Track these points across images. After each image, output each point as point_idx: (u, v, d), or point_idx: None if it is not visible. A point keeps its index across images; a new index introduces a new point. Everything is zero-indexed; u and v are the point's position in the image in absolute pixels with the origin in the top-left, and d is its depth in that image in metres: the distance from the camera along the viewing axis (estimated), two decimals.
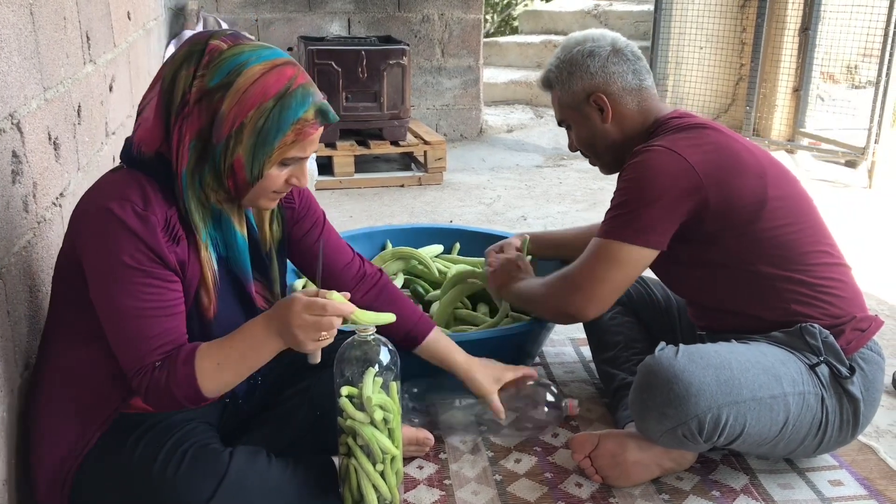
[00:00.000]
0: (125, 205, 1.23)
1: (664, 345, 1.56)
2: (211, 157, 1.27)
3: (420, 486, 1.65)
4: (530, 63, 6.46)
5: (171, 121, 1.26)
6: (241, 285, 1.41)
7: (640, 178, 1.60)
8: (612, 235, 1.62)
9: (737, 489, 1.65)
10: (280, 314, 1.28)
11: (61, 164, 1.71)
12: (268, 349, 1.31)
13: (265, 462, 1.38)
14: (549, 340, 2.28)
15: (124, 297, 1.25)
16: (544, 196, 4.02)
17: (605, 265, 1.64)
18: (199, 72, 1.24)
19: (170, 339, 1.28)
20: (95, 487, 1.31)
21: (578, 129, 1.80)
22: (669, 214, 1.58)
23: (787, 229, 1.61)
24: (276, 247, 1.51)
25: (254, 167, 1.27)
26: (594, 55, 1.74)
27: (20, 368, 1.40)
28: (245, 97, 1.23)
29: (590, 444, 1.65)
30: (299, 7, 4.74)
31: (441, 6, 4.91)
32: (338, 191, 4.04)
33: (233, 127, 1.24)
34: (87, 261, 1.27)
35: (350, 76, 4.08)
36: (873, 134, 4.10)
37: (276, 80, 1.25)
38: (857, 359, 1.60)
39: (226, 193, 1.33)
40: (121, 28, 2.56)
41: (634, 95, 1.75)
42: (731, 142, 1.65)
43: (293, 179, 1.34)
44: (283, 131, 1.25)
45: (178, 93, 1.25)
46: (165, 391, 1.26)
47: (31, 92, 1.54)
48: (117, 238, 1.23)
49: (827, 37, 4.54)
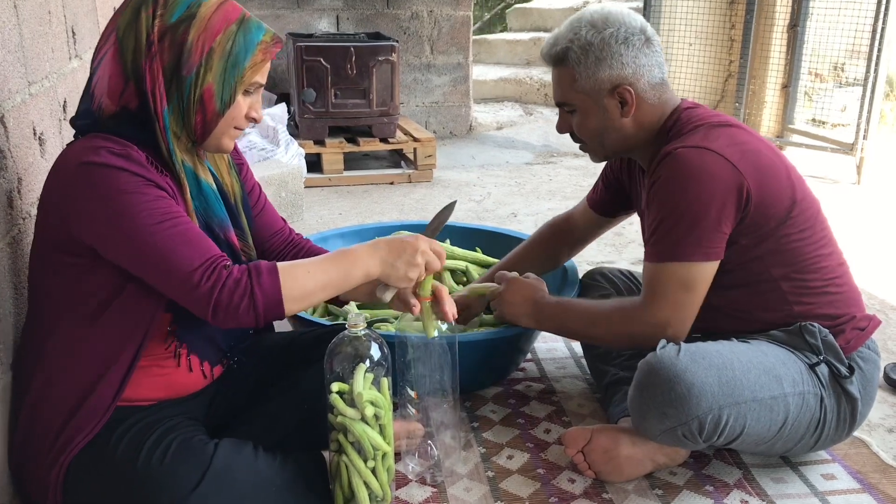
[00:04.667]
0: (99, 151, 1.23)
1: (665, 342, 1.53)
2: (177, 94, 1.28)
3: (412, 482, 1.63)
4: (519, 60, 6.45)
5: (135, 67, 1.26)
6: (216, 235, 1.39)
7: (688, 189, 1.50)
8: (679, 257, 1.53)
9: (730, 483, 1.64)
10: (396, 244, 1.36)
11: (46, 160, 1.69)
12: (361, 269, 1.34)
13: (251, 454, 1.36)
14: (541, 336, 2.27)
15: (138, 218, 1.21)
16: (534, 193, 4.02)
17: (684, 290, 1.54)
18: (158, 11, 1.27)
19: (215, 245, 1.27)
20: (85, 483, 1.30)
21: (587, 118, 1.66)
22: (725, 220, 1.51)
23: (803, 234, 1.57)
24: (241, 198, 1.51)
25: (224, 92, 1.30)
26: (629, 44, 1.59)
27: (6, 366, 1.38)
28: (210, 23, 1.28)
29: (582, 439, 1.64)
30: (288, 3, 4.71)
31: (430, 3, 4.89)
32: (327, 188, 4.02)
33: (202, 54, 1.27)
34: (84, 220, 1.24)
35: (339, 73, 4.05)
36: (861, 130, 4.12)
37: (232, 8, 1.32)
38: (856, 358, 1.60)
39: (188, 139, 1.33)
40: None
41: (657, 90, 1.64)
42: (760, 144, 1.59)
43: (252, 112, 1.37)
44: (251, 51, 1.31)
45: (140, 35, 1.26)
46: (246, 292, 1.22)
47: (15, 86, 1.51)
48: (103, 178, 1.21)
49: (815, 34, 4.55)
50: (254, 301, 1.23)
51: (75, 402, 1.30)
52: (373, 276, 1.36)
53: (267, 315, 1.25)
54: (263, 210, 1.62)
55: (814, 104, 4.91)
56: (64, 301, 1.31)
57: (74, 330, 1.31)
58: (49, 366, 1.32)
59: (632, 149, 1.70)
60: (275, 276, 1.25)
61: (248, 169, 1.61)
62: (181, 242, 1.23)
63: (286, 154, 3.68)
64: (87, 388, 1.30)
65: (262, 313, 1.24)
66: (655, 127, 1.66)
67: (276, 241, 1.64)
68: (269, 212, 1.64)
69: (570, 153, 4.85)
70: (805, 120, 4.79)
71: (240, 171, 1.56)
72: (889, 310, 2.58)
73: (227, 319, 1.23)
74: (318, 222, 3.46)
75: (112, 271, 1.27)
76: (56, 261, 1.29)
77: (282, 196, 3.39)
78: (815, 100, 4.95)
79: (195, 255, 1.23)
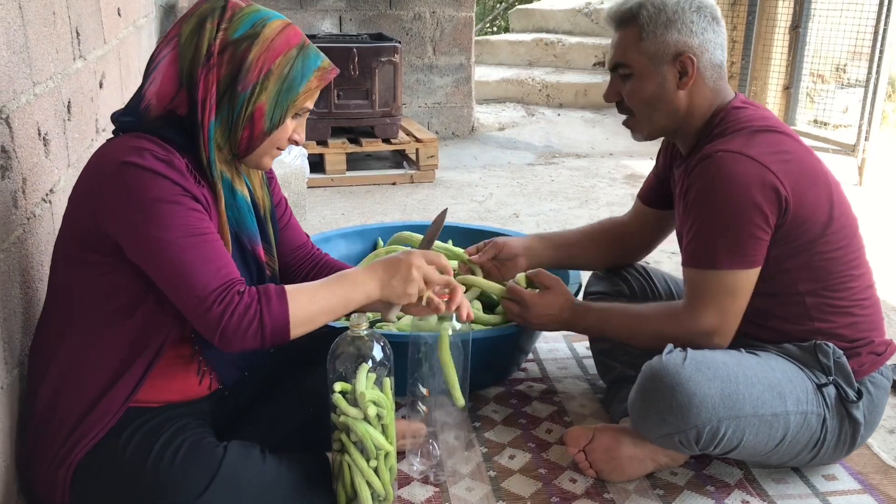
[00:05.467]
0: (143, 153, 1.23)
1: (672, 347, 1.53)
2: (229, 107, 1.30)
3: (414, 482, 1.64)
4: (521, 61, 6.46)
5: (190, 75, 1.28)
6: (244, 247, 1.41)
7: (728, 196, 1.49)
8: (725, 265, 1.52)
9: (731, 484, 1.65)
10: (391, 263, 1.39)
11: (51, 161, 1.69)
12: (362, 292, 1.36)
13: (259, 457, 1.37)
14: (543, 337, 2.28)
15: (168, 230, 1.22)
16: (536, 193, 4.02)
17: (730, 298, 1.53)
18: (223, 25, 1.29)
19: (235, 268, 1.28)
20: (93, 483, 1.30)
21: (643, 83, 1.60)
22: (765, 227, 1.50)
23: (838, 252, 1.56)
24: (270, 212, 1.53)
25: (275, 114, 1.32)
26: (701, 13, 1.56)
27: (12, 366, 1.39)
28: (272, 45, 1.31)
29: (584, 438, 1.65)
30: (291, 4, 4.72)
31: (433, 4, 4.90)
32: (329, 189, 4.03)
33: (260, 73, 1.29)
34: (116, 219, 1.24)
35: (341, 74, 3.99)
36: (863, 131, 4.12)
37: (294, 34, 1.35)
38: (867, 382, 1.58)
39: (230, 152, 1.35)
40: (111, 24, 2.54)
41: (715, 72, 1.60)
42: (805, 154, 1.57)
43: (295, 135, 1.39)
44: (307, 77, 1.34)
45: (202, 45, 1.28)
46: (255, 318, 1.24)
47: (20, 87, 1.52)
48: (142, 182, 1.22)
49: (817, 35, 4.55)
50: (262, 326, 1.25)
51: (88, 403, 1.31)
52: (373, 297, 1.38)
53: (273, 340, 1.27)
54: (289, 224, 1.63)
55: (815, 105, 4.91)
56: (86, 300, 1.32)
57: (92, 331, 1.31)
58: (63, 365, 1.32)
59: (677, 130, 1.66)
60: (283, 301, 1.27)
61: (276, 182, 1.62)
62: (203, 261, 1.24)
63: (289, 154, 3.67)
64: (101, 388, 1.31)
65: (268, 337, 1.26)
66: (705, 113, 1.62)
67: (298, 256, 1.65)
68: (294, 227, 1.65)
69: (571, 154, 4.85)
70: (807, 121, 4.79)
71: (269, 184, 1.57)
72: (890, 311, 2.58)
73: (233, 343, 1.25)
74: (321, 222, 3.47)
75: (137, 275, 1.28)
76: (82, 258, 1.30)
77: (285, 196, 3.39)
78: (817, 101, 4.95)
79: (213, 276, 1.24)
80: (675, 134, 1.69)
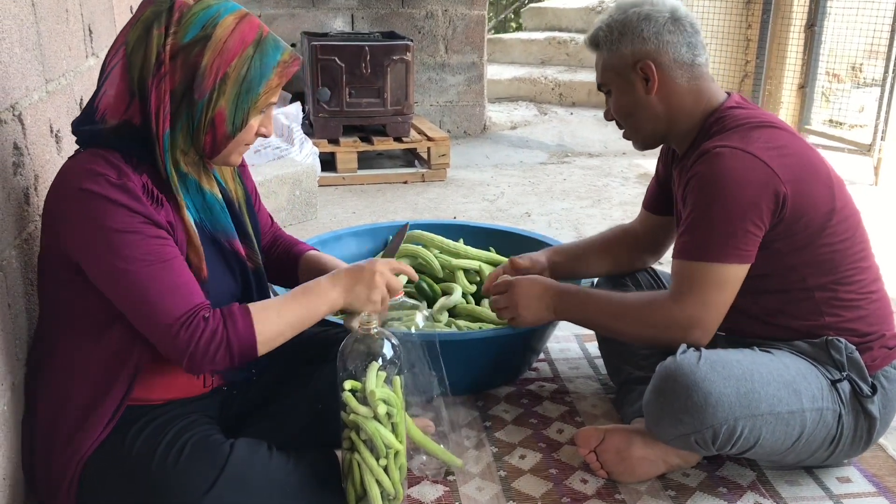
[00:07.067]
0: (98, 179, 1.21)
1: (685, 347, 1.52)
2: (187, 114, 1.26)
3: (424, 481, 1.63)
4: (534, 60, 6.44)
5: (141, 85, 1.24)
6: (221, 246, 1.39)
7: (723, 190, 1.50)
8: (714, 258, 1.52)
9: (744, 486, 1.63)
10: (354, 270, 1.41)
11: (63, 157, 1.70)
12: (326, 302, 1.37)
13: (266, 454, 1.36)
14: (554, 336, 2.27)
15: (129, 261, 1.21)
16: (548, 193, 4.01)
17: (716, 291, 1.53)
18: (172, 29, 1.23)
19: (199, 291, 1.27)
20: (99, 483, 1.30)
21: (619, 96, 1.68)
22: (759, 223, 1.50)
23: (843, 245, 1.56)
24: (245, 202, 1.51)
25: (237, 117, 1.29)
26: (650, 19, 1.61)
27: (20, 363, 1.39)
28: (226, 47, 1.25)
29: (595, 439, 1.64)
30: (303, 3, 4.72)
31: (445, 2, 4.89)
32: (341, 187, 4.03)
33: (216, 79, 1.25)
34: (77, 247, 1.24)
35: (353, 72, 4.06)
36: (879, 131, 4.08)
37: (250, 28, 1.28)
38: (881, 377, 1.57)
39: (196, 154, 1.32)
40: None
41: (686, 70, 1.63)
42: (803, 148, 1.58)
43: (262, 129, 1.36)
44: (266, 77, 1.29)
45: (150, 53, 1.23)
46: (222, 342, 1.24)
47: (32, 84, 1.52)
48: (101, 212, 1.20)
49: (833, 34, 4.52)
50: (229, 348, 1.25)
51: (89, 402, 1.31)
52: (338, 306, 1.39)
53: (241, 359, 1.28)
54: (259, 209, 1.63)
55: (831, 105, 4.87)
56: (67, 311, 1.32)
57: (84, 334, 1.31)
58: (62, 366, 1.32)
59: (667, 133, 1.69)
60: (249, 322, 1.27)
61: (247, 170, 1.60)
62: (166, 289, 1.23)
63: (300, 153, 3.69)
64: (99, 387, 1.31)
65: (237, 358, 1.27)
66: (692, 113, 1.65)
67: (266, 239, 1.67)
68: (262, 210, 1.66)
69: (584, 153, 4.83)
70: (822, 121, 4.75)
71: (241, 173, 1.55)
72: None
73: (203, 367, 1.26)
74: (332, 221, 3.47)
75: None
76: (57, 274, 1.30)
77: (296, 195, 3.40)
78: (833, 100, 4.90)
79: (177, 303, 1.23)
80: (666, 137, 1.72)
